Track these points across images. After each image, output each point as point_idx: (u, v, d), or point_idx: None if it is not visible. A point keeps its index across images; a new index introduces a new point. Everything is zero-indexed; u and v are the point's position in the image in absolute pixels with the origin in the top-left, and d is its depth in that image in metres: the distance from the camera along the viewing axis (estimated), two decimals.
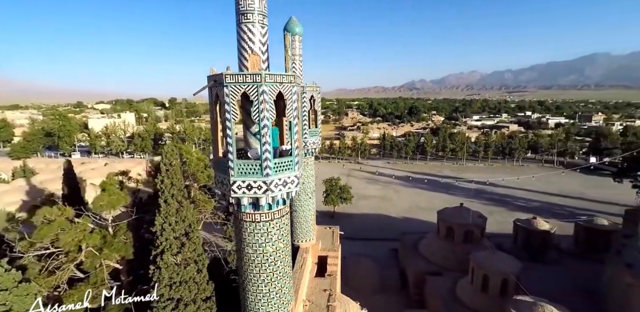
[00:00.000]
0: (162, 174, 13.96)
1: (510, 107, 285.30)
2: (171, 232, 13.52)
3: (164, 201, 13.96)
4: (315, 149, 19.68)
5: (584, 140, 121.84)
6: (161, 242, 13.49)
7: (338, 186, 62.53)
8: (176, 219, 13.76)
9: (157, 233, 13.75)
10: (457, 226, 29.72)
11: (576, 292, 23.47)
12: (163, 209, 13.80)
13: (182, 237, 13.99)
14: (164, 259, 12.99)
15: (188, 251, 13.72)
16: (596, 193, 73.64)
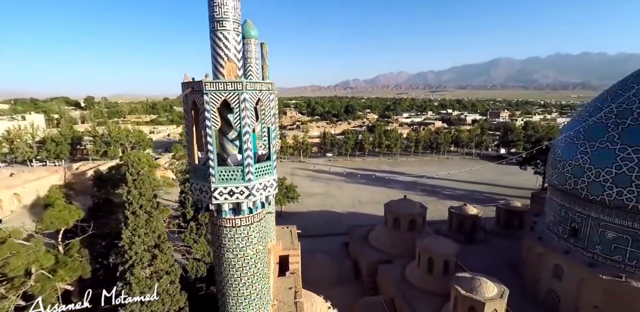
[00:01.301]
0: (129, 184, 12.95)
1: (434, 105, 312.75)
2: (141, 244, 12.66)
3: (132, 213, 12.95)
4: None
5: (495, 134, 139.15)
6: (130, 256, 12.54)
7: (284, 186, 62.77)
8: (146, 231, 12.92)
9: (124, 247, 12.76)
10: (403, 216, 32.52)
11: (502, 265, 27.65)
12: (131, 221, 12.82)
13: (154, 249, 13.21)
14: (135, 273, 12.18)
15: (160, 262, 13.03)
16: (508, 180, 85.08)
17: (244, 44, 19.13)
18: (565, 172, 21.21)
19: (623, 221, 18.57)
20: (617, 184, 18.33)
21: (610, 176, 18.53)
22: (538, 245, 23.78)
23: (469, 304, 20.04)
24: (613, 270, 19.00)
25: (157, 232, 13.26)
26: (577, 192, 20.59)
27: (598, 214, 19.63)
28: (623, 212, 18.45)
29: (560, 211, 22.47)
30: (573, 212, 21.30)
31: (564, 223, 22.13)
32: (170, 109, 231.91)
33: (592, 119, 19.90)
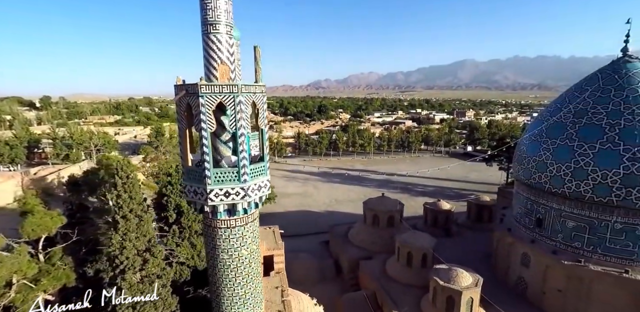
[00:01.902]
0: (119, 188, 12.54)
1: (404, 105, 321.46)
2: (132, 249, 12.35)
3: (122, 217, 12.57)
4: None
5: (462, 133, 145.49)
6: (122, 261, 12.19)
7: None
8: (137, 235, 12.60)
9: (115, 252, 12.34)
10: (382, 213, 33.58)
11: (475, 256, 29.33)
12: (122, 225, 12.43)
13: (145, 253, 12.91)
14: (126, 278, 11.87)
15: (152, 266, 12.77)
16: (475, 176, 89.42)
17: None
18: (530, 168, 22.99)
19: (581, 211, 20.48)
20: (575, 178, 20.19)
21: (569, 170, 20.37)
22: (507, 236, 25.50)
23: (447, 293, 21.22)
24: (573, 256, 20.88)
25: (147, 236, 13.02)
26: (540, 186, 22.39)
27: (559, 205, 21.48)
28: (581, 203, 20.35)
29: (526, 203, 24.29)
30: (537, 204, 23.13)
31: (529, 215, 23.95)
32: (136, 109, 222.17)
33: (553, 118, 21.77)
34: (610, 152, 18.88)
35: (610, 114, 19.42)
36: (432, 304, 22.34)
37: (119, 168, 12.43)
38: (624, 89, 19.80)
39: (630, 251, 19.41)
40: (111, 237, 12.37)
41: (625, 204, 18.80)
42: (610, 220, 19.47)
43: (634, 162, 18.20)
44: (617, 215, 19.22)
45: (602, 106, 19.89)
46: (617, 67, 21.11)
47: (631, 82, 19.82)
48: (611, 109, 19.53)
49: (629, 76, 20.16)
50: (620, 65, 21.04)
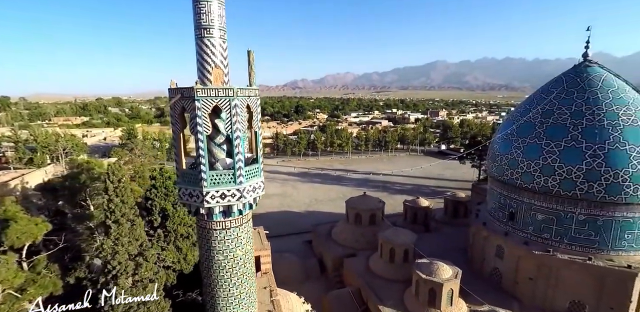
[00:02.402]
0: (110, 193, 12.20)
1: (380, 105, 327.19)
2: (125, 253, 12.10)
3: (114, 222, 12.25)
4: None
5: (436, 132, 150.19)
6: (114, 266, 11.90)
7: None
8: (129, 239, 12.36)
9: (107, 257, 12.03)
10: (364, 211, 34.42)
11: (453, 250, 30.71)
12: (114, 230, 12.12)
13: (138, 258, 12.67)
14: (119, 283, 11.63)
15: (145, 270, 12.57)
16: (449, 173, 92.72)
17: None
18: (503, 165, 24.47)
19: (549, 204, 22.09)
20: (544, 174, 21.74)
21: (538, 166, 21.92)
22: (482, 230, 26.94)
23: (429, 286, 22.22)
24: (543, 246, 22.47)
25: (139, 240, 12.84)
26: (512, 182, 23.90)
27: (530, 199, 23.04)
28: (549, 196, 21.94)
29: (499, 198, 25.80)
30: (510, 199, 24.66)
31: (503, 209, 25.47)
32: (105, 110, 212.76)
33: (523, 119, 23.32)
34: (574, 149, 20.55)
35: (574, 115, 21.13)
36: (415, 297, 23.29)
37: (111, 172, 12.17)
38: (585, 91, 21.61)
39: (592, 240, 21.18)
40: (101, 242, 12.09)
41: (587, 197, 20.51)
42: (575, 212, 21.16)
43: (594, 158, 19.92)
44: (581, 207, 20.92)
45: (567, 107, 21.61)
46: (579, 71, 22.98)
47: (591, 85, 21.66)
48: (574, 109, 21.25)
49: (590, 79, 22.01)
50: (582, 69, 22.91)
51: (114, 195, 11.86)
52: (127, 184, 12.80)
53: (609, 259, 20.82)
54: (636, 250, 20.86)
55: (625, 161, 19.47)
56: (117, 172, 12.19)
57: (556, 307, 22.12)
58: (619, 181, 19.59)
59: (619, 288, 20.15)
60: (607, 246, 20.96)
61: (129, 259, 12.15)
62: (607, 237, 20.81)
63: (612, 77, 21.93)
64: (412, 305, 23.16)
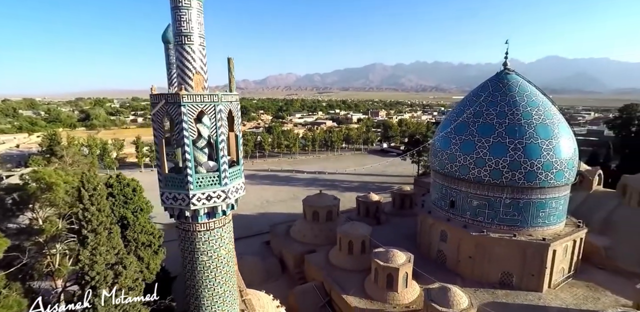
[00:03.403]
0: (85, 202, 11.35)
1: (323, 106, 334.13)
2: (103, 263, 11.44)
3: (91, 231, 11.43)
4: None
5: (377, 131, 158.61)
6: (93, 277, 11.18)
7: None
8: (107, 248, 11.69)
9: (84, 268, 11.23)
10: (321, 208, 35.89)
11: (403, 238, 33.69)
12: (91, 240, 11.33)
13: (117, 266, 12.04)
14: (99, 294, 11.02)
15: (125, 278, 12.04)
16: (392, 170, 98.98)
17: (169, 49, 18.92)
18: (444, 160, 27.77)
19: (482, 192, 25.76)
20: (477, 166, 25.31)
21: (472, 160, 25.44)
22: (428, 218, 30.15)
23: (387, 272, 24.41)
24: (479, 228, 26.09)
25: (117, 248, 12.36)
26: (452, 174, 27.26)
27: (466, 188, 26.56)
28: (481, 185, 25.59)
29: (441, 189, 29.15)
30: (450, 189, 28.06)
31: (445, 198, 28.84)
32: (15, 113, 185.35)
33: (459, 119, 26.80)
34: (499, 144, 24.35)
35: (498, 115, 25.01)
36: (374, 283, 25.34)
37: (85, 180, 11.52)
38: (506, 95, 25.69)
39: (516, 220, 25.26)
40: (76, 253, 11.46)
41: (511, 184, 24.45)
42: (502, 197, 25.04)
43: (515, 151, 23.86)
44: (506, 192, 24.84)
45: (492, 109, 25.46)
46: (500, 78, 27.16)
47: (511, 90, 25.82)
48: (499, 110, 25.15)
49: (509, 85, 26.21)
50: (503, 76, 27.12)
51: (89, 204, 11.34)
52: (102, 191, 12.27)
53: (529, 234, 25.06)
54: (548, 225, 25.42)
55: (538, 153, 23.71)
56: (92, 180, 11.63)
57: (491, 279, 25.87)
58: (534, 169, 23.77)
59: (537, 257, 24.38)
60: (527, 224, 25.18)
61: (109, 268, 11.76)
62: (526, 217, 25.02)
63: (526, 83, 26.42)
64: (373, 291, 25.16)
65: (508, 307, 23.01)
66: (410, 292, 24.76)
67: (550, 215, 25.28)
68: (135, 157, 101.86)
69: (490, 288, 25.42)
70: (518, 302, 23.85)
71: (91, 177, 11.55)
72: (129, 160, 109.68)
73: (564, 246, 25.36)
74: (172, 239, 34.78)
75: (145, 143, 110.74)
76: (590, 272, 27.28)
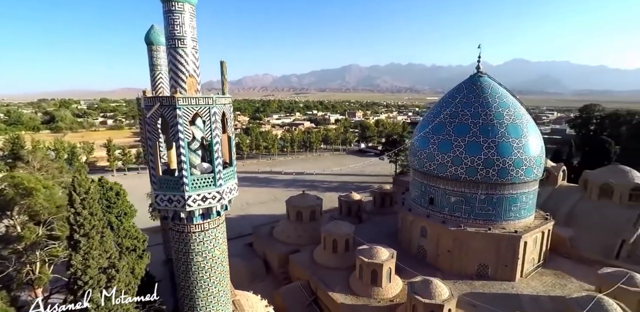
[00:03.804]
0: (76, 206, 10.98)
1: (300, 107, 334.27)
2: (96, 267, 11.17)
3: (83, 235, 11.08)
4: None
5: (355, 132, 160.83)
6: (86, 282, 10.88)
7: None
8: (100, 252, 11.42)
9: (77, 273, 10.88)
10: (304, 208, 36.28)
11: (384, 235, 34.68)
12: (83, 244, 11.00)
13: (110, 270, 11.77)
14: (94, 299, 10.78)
15: (118, 282, 11.81)
16: (370, 169, 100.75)
17: (152, 50, 18.80)
18: (422, 159, 28.96)
19: (459, 189, 27.12)
20: (454, 164, 26.64)
21: (450, 158, 26.74)
22: (408, 215, 31.28)
23: (371, 268, 25.19)
24: (456, 223, 27.42)
25: (109, 252, 12.16)
26: (431, 172, 28.48)
27: (445, 186, 27.86)
28: (458, 182, 26.94)
29: (421, 186, 30.35)
30: (429, 187, 29.30)
31: (424, 195, 30.06)
32: None
33: (436, 120, 28.08)
34: (475, 143, 25.77)
35: (473, 116, 26.47)
36: (359, 279, 26.05)
37: (77, 184, 11.25)
38: (479, 96, 27.23)
39: (490, 214, 26.79)
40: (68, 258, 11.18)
41: (486, 180, 25.92)
42: (477, 193, 26.50)
43: (489, 150, 25.36)
44: (482, 189, 26.31)
45: (467, 110, 26.90)
46: (474, 80, 28.72)
47: (484, 92, 27.39)
48: (473, 111, 26.62)
49: (482, 87, 27.79)
50: (476, 79, 28.70)
51: (80, 208, 11.13)
52: (94, 195, 12.02)
53: (502, 227, 26.66)
54: (519, 218, 27.14)
55: (509, 151, 25.32)
56: (83, 184, 11.40)
57: (468, 271, 27.26)
58: (506, 166, 25.36)
59: (510, 249, 25.99)
60: (500, 218, 26.78)
61: (101, 272, 11.59)
62: (500, 211, 26.61)
63: (497, 85, 28.12)
64: (358, 287, 25.87)
65: (485, 296, 24.35)
66: (393, 287, 25.67)
67: (521, 209, 27.00)
68: (106, 161, 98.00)
69: (468, 280, 26.78)
70: (494, 291, 25.31)
71: (83, 180, 11.37)
72: (100, 164, 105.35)
73: (534, 238, 27.15)
74: (154, 243, 34.02)
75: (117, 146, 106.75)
76: (557, 262, 29.31)
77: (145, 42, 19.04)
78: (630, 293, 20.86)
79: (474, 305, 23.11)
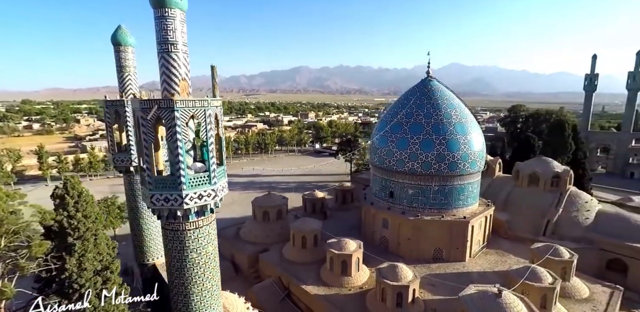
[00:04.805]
0: (69, 209, 10.42)
1: (251, 108, 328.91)
2: (92, 269, 10.80)
3: (78, 238, 10.57)
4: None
5: (309, 132, 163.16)
6: (82, 284, 10.45)
7: (116, 205, 54.87)
8: (94, 255, 11.04)
9: (72, 277, 10.37)
10: (271, 208, 36.89)
11: (348, 229, 36.67)
12: (78, 247, 10.52)
13: (105, 272, 11.41)
14: (92, 301, 10.48)
15: (113, 284, 11.54)
16: (326, 169, 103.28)
17: (120, 51, 18.55)
18: (382, 156, 31.41)
19: (416, 182, 29.97)
20: (411, 160, 29.40)
21: (407, 155, 29.46)
22: (371, 208, 33.58)
23: (341, 259, 26.88)
24: (414, 213, 30.23)
25: (103, 254, 11.92)
26: (390, 168, 31.02)
27: (403, 179, 30.55)
28: (415, 176, 29.78)
29: (381, 181, 32.82)
30: (389, 181, 31.84)
31: (384, 190, 32.55)
32: None
33: (394, 120, 30.70)
34: (428, 141, 28.77)
35: (426, 116, 29.50)
36: (330, 271, 27.60)
37: (70, 187, 10.87)
38: (431, 98, 30.42)
39: (443, 203, 30.03)
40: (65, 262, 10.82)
41: (438, 173, 29.05)
42: (432, 185, 29.55)
43: (441, 146, 28.51)
44: (435, 181, 29.41)
45: (421, 110, 29.90)
46: (426, 84, 31.94)
47: (434, 95, 30.65)
48: (426, 112, 29.66)
49: (432, 90, 31.06)
50: (427, 83, 31.95)
51: (73, 210, 10.87)
52: (88, 197, 11.71)
53: (453, 214, 30.02)
54: (467, 206, 30.76)
55: (457, 147, 28.70)
56: (77, 186, 11.09)
57: (426, 256, 30.20)
58: (455, 160, 28.70)
59: (460, 233, 29.38)
60: (451, 206, 30.12)
61: (96, 275, 11.43)
62: (451, 200, 29.95)
63: (444, 88, 31.60)
64: (329, 278, 27.39)
65: (441, 276, 27.27)
66: (362, 275, 27.63)
67: (468, 197, 30.64)
68: (38, 169, 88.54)
69: (426, 263, 29.70)
70: (448, 271, 28.45)
71: (75, 183, 11.14)
72: (29, 173, 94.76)
73: (479, 222, 30.94)
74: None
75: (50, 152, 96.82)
76: (498, 242, 33.64)
77: (112, 43, 18.62)
78: (556, 262, 25.11)
79: (433, 284, 25.92)
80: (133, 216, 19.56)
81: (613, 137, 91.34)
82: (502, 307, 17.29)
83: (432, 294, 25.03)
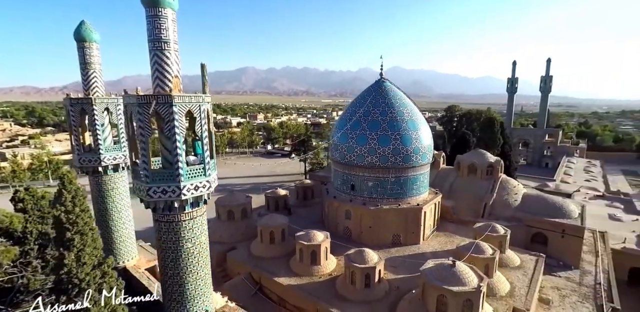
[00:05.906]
0: (66, 204, 9.88)
1: None
2: (91, 264, 10.43)
3: (76, 232, 10.06)
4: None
5: (260, 134, 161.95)
6: (82, 280, 10.04)
7: None
8: (91, 249, 10.65)
9: (70, 273, 9.88)
10: (235, 207, 36.98)
11: (312, 223, 38.32)
12: (77, 242, 10.04)
13: (103, 266, 11.02)
14: (93, 296, 10.22)
15: (110, 277, 11.24)
16: (281, 169, 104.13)
17: (84, 48, 18.17)
18: (343, 151, 33.61)
19: (375, 174, 32.64)
20: (370, 154, 31.99)
21: (366, 150, 31.99)
22: (334, 201, 35.62)
23: (310, 249, 28.44)
24: (375, 203, 32.88)
25: (99, 249, 11.69)
26: (351, 162, 33.33)
27: (363, 173, 33.05)
28: (374, 169, 32.44)
29: (342, 176, 35.02)
30: (350, 175, 34.15)
31: (346, 183, 34.80)
32: None
33: (353, 118, 33.07)
34: (385, 136, 31.58)
35: (382, 114, 32.32)
36: (299, 262, 28.99)
37: (67, 181, 10.49)
38: (385, 98, 33.37)
39: (399, 193, 33.12)
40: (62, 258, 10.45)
41: (394, 166, 32.03)
42: (389, 177, 32.45)
43: (396, 141, 31.51)
44: (392, 173, 32.34)
45: (377, 109, 32.67)
46: (380, 85, 34.87)
47: (388, 94, 33.66)
48: (381, 110, 32.50)
49: (386, 90, 34.07)
50: (381, 84, 34.91)
51: (71, 205, 10.64)
52: (85, 192, 11.40)
53: (408, 202, 33.25)
54: (419, 194, 34.25)
55: (410, 141, 31.95)
56: (74, 181, 10.79)
57: (386, 242, 33.02)
58: (408, 153, 31.92)
59: (414, 219, 32.68)
60: (406, 195, 33.33)
61: (94, 269, 11.29)
62: (406, 190, 33.15)
63: (396, 89, 34.82)
64: (299, 268, 28.77)
65: (400, 259, 30.24)
66: (330, 263, 29.46)
67: (420, 187, 34.14)
68: None
69: (386, 248, 32.46)
70: (406, 254, 31.51)
71: (72, 178, 10.96)
72: None
73: (430, 208, 34.64)
74: None
75: None
76: (445, 225, 37.84)
77: (75, 39, 18.05)
78: (494, 237, 29.47)
79: (394, 266, 28.68)
80: (101, 219, 19.07)
81: (531, 133, 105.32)
82: (457, 275, 20.27)
83: (395, 275, 27.70)
